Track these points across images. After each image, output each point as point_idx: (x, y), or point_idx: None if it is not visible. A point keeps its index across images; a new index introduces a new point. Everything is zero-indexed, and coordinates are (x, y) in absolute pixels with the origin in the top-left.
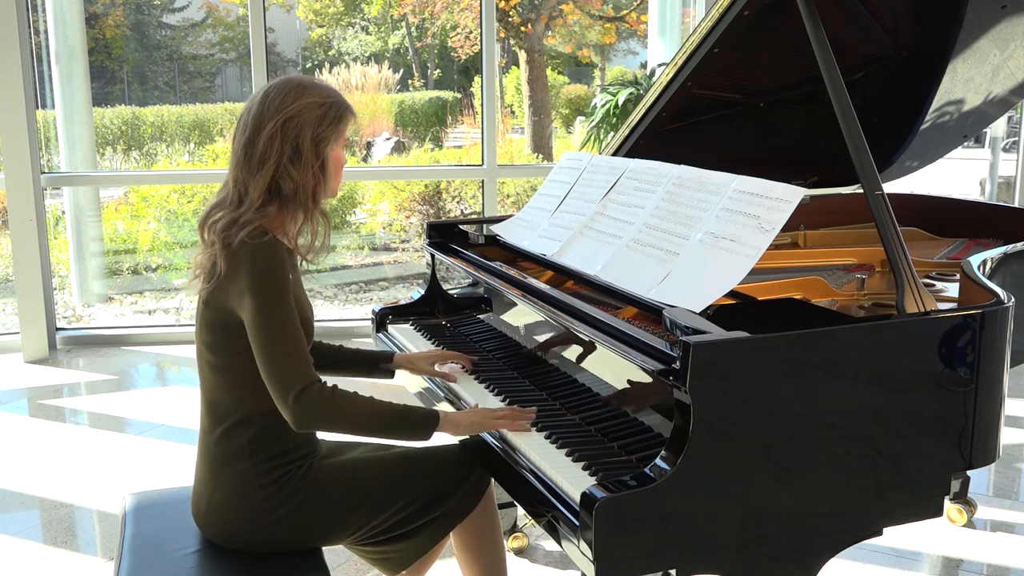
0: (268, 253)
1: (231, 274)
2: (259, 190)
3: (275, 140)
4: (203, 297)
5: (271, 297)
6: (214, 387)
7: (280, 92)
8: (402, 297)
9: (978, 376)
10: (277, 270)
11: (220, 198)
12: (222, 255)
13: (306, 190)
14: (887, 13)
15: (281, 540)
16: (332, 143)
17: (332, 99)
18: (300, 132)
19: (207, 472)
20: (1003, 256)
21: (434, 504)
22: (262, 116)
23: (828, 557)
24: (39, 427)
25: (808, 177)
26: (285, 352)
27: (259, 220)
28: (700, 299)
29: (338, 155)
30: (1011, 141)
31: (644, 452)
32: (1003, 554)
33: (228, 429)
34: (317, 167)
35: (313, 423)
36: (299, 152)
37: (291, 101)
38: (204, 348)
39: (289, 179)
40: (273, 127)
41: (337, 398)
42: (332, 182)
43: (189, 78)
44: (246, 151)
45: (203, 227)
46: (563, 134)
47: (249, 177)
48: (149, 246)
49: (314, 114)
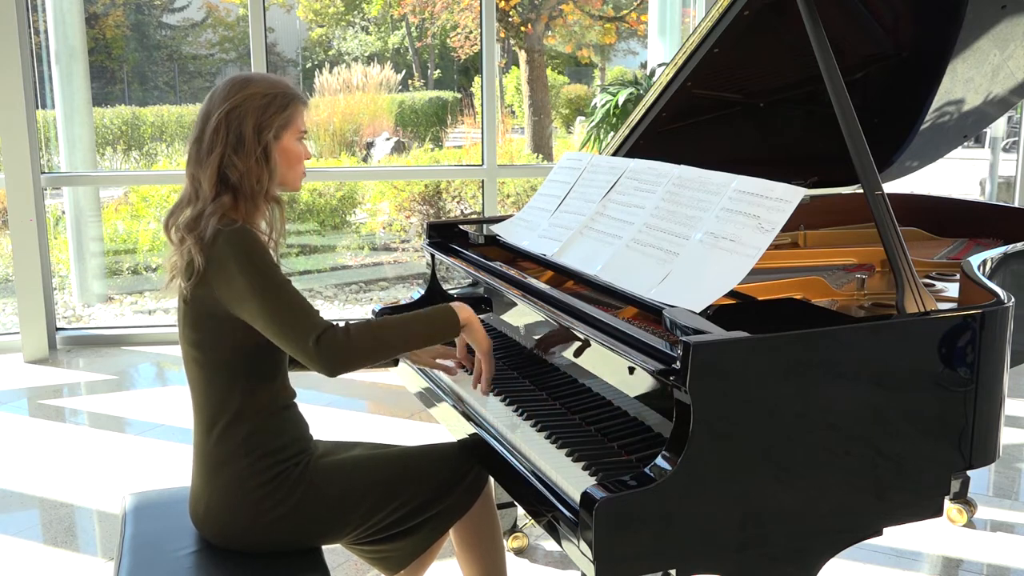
0: (245, 234)
1: (213, 265)
2: (209, 181)
3: (219, 130)
4: (184, 296)
5: (260, 269)
6: (203, 385)
7: (226, 87)
8: (402, 297)
9: (978, 376)
10: (258, 246)
11: (179, 199)
12: (196, 249)
13: (251, 178)
14: (887, 13)
15: (280, 539)
16: (278, 131)
17: (278, 89)
18: (242, 121)
19: (203, 474)
20: (1003, 256)
21: (432, 502)
22: (208, 111)
23: (828, 557)
24: (39, 427)
25: (808, 177)
26: (289, 310)
27: (219, 210)
28: (700, 299)
29: (290, 145)
30: (1011, 141)
31: (644, 452)
32: (1003, 554)
33: (222, 430)
34: (259, 154)
35: (344, 363)
36: (241, 140)
37: (235, 93)
38: (190, 347)
39: (234, 168)
40: (217, 119)
41: (354, 332)
42: (287, 173)
43: (189, 78)
44: (196, 147)
45: (168, 228)
46: (563, 134)
47: (200, 170)
48: (149, 246)
49: (257, 103)
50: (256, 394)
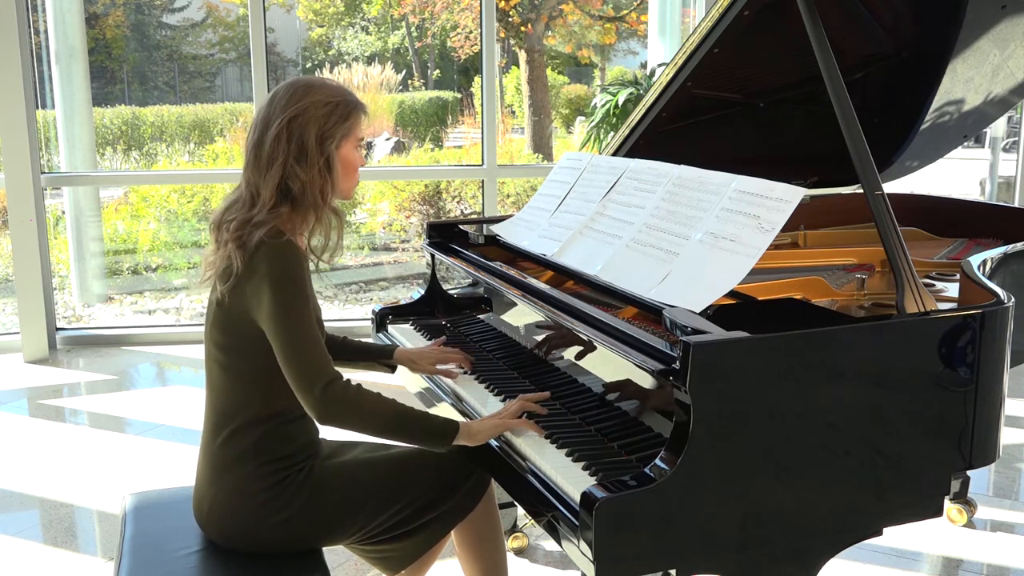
0: (288, 252)
1: (249, 273)
2: (270, 190)
3: (281, 139)
4: (217, 298)
5: (292, 295)
6: (223, 388)
7: (287, 92)
8: (402, 297)
9: (978, 376)
10: (297, 268)
11: (233, 199)
12: (238, 254)
13: (314, 189)
14: (887, 13)
15: (282, 541)
16: (340, 141)
17: (340, 97)
18: (305, 130)
19: (210, 474)
20: (1003, 256)
21: (434, 504)
22: (269, 116)
23: (828, 557)
24: (39, 427)
25: (808, 177)
26: (308, 348)
27: (273, 221)
28: (700, 299)
29: (349, 154)
30: (1011, 141)
31: (644, 452)
32: (1003, 554)
33: (233, 432)
34: (322, 165)
35: (338, 418)
36: (304, 151)
37: (296, 100)
38: (215, 348)
39: (296, 179)
40: (279, 126)
41: (363, 395)
42: (343, 182)
43: (189, 78)
44: (255, 152)
45: (216, 227)
46: (563, 134)
47: (259, 178)
48: (149, 246)
49: (319, 112)
50: (273, 404)
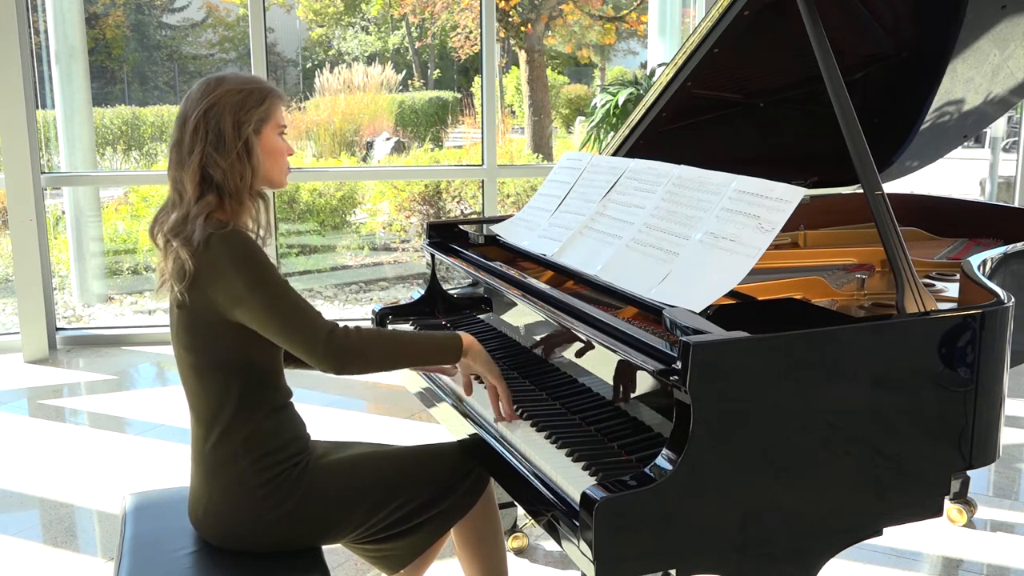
0: (239, 236)
1: (206, 269)
2: (192, 182)
3: (198, 130)
4: (176, 300)
5: (259, 271)
6: (199, 389)
7: (200, 87)
8: (402, 297)
9: (978, 376)
10: (253, 247)
11: (164, 204)
12: (185, 251)
13: (234, 176)
14: (887, 13)
15: (280, 540)
16: (257, 126)
17: (253, 85)
18: (220, 118)
19: (203, 476)
20: (1003, 256)
21: (433, 502)
22: (186, 113)
23: (828, 557)
24: (39, 427)
25: (808, 177)
26: (295, 310)
27: (205, 210)
28: (700, 299)
29: (271, 140)
30: (1011, 141)
31: (644, 452)
32: (1003, 554)
33: (220, 432)
34: (240, 149)
35: (352, 362)
36: (221, 138)
37: (210, 92)
38: (184, 352)
39: (216, 166)
40: (196, 119)
41: (365, 334)
42: (269, 169)
43: (189, 78)
44: (176, 150)
45: (153, 234)
46: (563, 134)
47: (181, 172)
48: (149, 246)
49: (233, 99)
50: (253, 395)
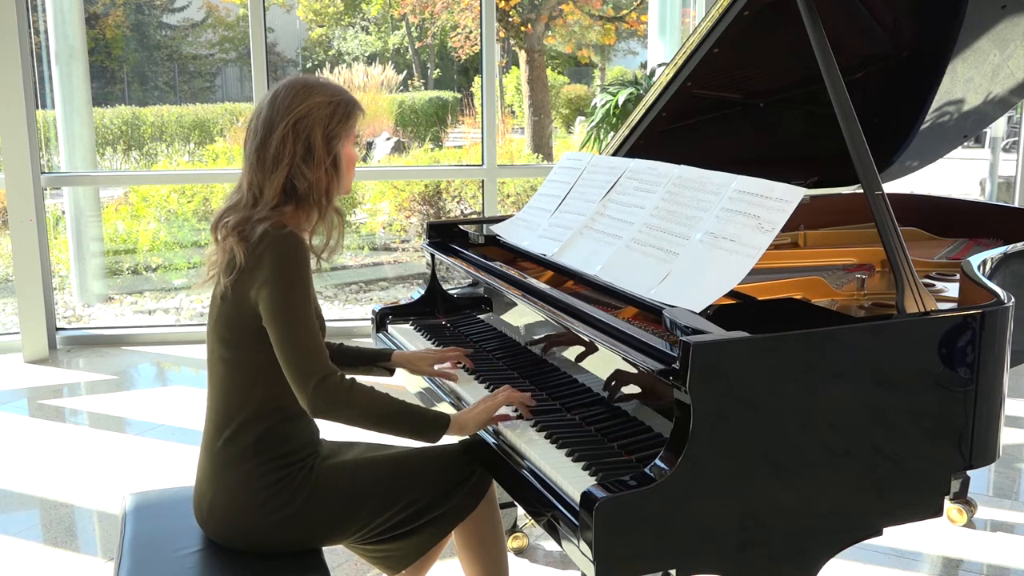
0: (292, 241)
1: (252, 263)
2: (274, 191)
3: (287, 141)
4: (220, 292)
5: (293, 284)
6: (226, 384)
7: (289, 93)
8: (402, 297)
9: (978, 376)
10: (300, 257)
11: (233, 201)
12: (240, 247)
13: (319, 188)
14: (887, 13)
15: (283, 540)
16: (343, 140)
17: (340, 97)
18: (311, 131)
19: (211, 473)
20: (1003, 256)
21: (435, 504)
22: (272, 118)
23: (828, 557)
24: (39, 427)
25: (808, 177)
26: (307, 340)
27: (276, 217)
28: (700, 299)
29: (349, 151)
30: (1011, 141)
31: (644, 452)
32: (1003, 554)
33: (235, 430)
34: (329, 164)
35: (330, 411)
36: (311, 151)
37: (300, 101)
38: (219, 344)
39: (303, 178)
40: (284, 128)
41: (355, 390)
42: (345, 179)
43: (189, 78)
44: (259, 154)
45: (215, 228)
46: (563, 134)
47: (264, 179)
48: (149, 246)
49: (324, 112)
50: (274, 399)
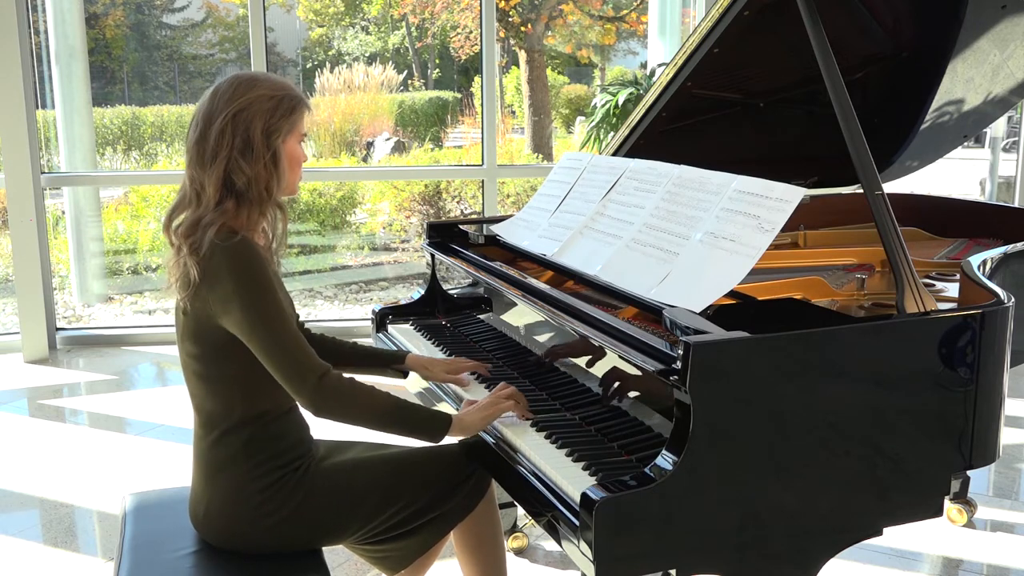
0: (243, 251)
1: (208, 282)
2: (214, 186)
3: (225, 133)
4: (182, 307)
5: (258, 293)
6: (202, 396)
7: (231, 87)
8: (402, 297)
9: (978, 376)
10: (256, 265)
11: (179, 198)
12: (192, 261)
13: (259, 184)
14: (887, 13)
15: (281, 542)
16: (284, 136)
17: (285, 92)
18: (250, 124)
19: (203, 477)
20: (1003, 256)
21: (434, 504)
22: (212, 111)
23: (828, 557)
24: (39, 427)
25: (808, 177)
26: (291, 343)
27: (221, 218)
28: (700, 299)
29: (293, 149)
30: (1011, 141)
31: (644, 452)
32: (1003, 554)
33: (222, 435)
34: (268, 159)
35: (334, 410)
36: (250, 144)
37: (241, 94)
38: (189, 359)
39: (241, 173)
40: (223, 121)
41: (356, 387)
42: (288, 177)
43: (189, 78)
44: (198, 147)
45: (167, 230)
46: (563, 134)
47: (203, 173)
48: (149, 246)
49: (265, 106)
50: (257, 402)
